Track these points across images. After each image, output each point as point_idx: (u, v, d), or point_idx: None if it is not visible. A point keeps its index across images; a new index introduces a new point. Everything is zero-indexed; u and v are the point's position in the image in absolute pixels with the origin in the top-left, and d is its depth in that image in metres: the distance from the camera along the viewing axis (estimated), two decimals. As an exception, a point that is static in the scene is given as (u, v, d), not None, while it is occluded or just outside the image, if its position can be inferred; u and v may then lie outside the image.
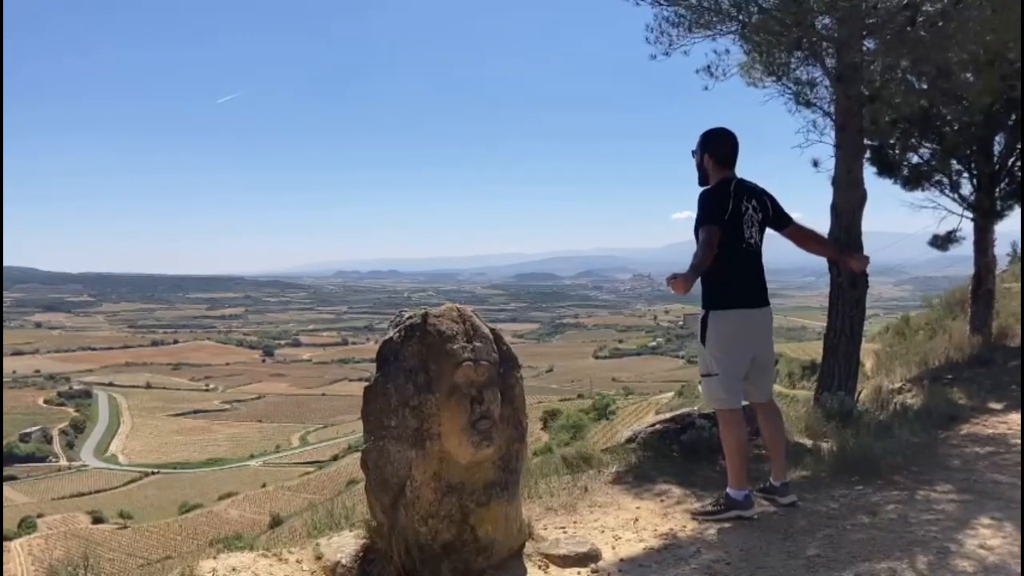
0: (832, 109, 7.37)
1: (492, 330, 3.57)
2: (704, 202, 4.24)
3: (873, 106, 7.37)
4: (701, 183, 4.43)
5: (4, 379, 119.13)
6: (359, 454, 3.38)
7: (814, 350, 36.31)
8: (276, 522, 46.44)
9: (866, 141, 8.04)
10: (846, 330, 7.10)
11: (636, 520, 4.15)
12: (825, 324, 7.46)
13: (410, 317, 3.44)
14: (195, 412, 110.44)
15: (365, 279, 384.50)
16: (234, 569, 3.17)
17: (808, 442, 5.43)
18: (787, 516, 4.14)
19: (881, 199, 7.19)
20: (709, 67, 7.54)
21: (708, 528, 3.98)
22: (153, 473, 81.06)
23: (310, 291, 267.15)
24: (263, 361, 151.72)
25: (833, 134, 7.23)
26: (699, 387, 4.66)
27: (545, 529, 3.90)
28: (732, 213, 4.20)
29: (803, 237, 4.57)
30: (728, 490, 4.15)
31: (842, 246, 5.84)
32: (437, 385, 3.27)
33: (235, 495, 62.02)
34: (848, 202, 6.97)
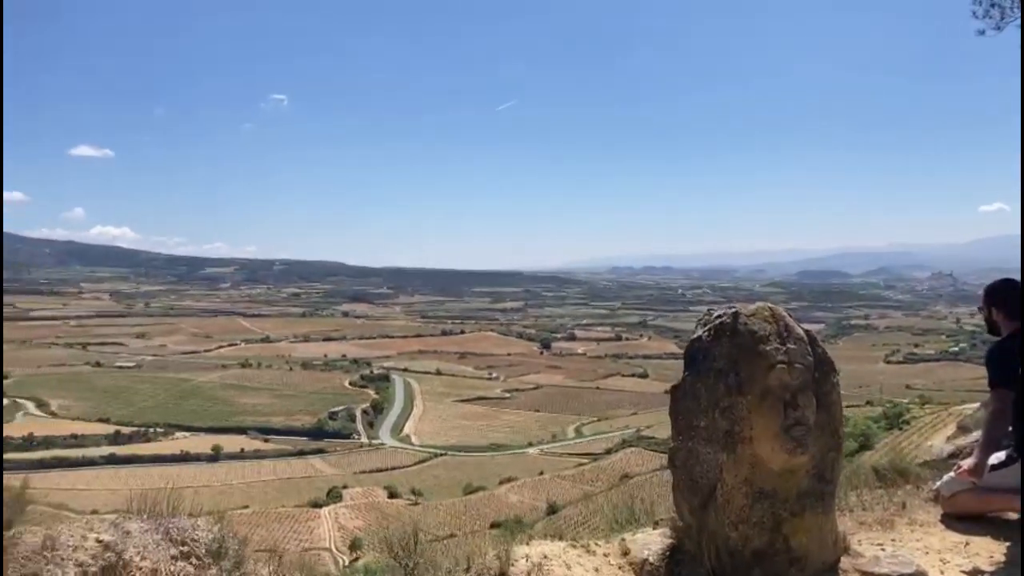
0: None
1: (806, 332, 3.41)
2: (991, 359, 4.00)
3: None
4: (991, 333, 4.23)
5: (316, 363, 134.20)
6: (632, 449, 3.38)
7: None
8: (552, 510, 48.02)
9: None
10: None
11: (967, 544, 3.76)
12: None
13: (719, 316, 3.37)
14: (479, 399, 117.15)
15: (638, 275, 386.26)
16: (546, 556, 3.28)
17: None
18: None
19: None
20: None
21: (1057, 562, 3.51)
22: (441, 454, 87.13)
23: (584, 287, 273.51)
24: (541, 353, 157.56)
25: None
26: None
27: (860, 544, 3.65)
28: None
29: None
30: None
31: None
32: (748, 387, 3.18)
33: (515, 480, 65.00)
34: None
